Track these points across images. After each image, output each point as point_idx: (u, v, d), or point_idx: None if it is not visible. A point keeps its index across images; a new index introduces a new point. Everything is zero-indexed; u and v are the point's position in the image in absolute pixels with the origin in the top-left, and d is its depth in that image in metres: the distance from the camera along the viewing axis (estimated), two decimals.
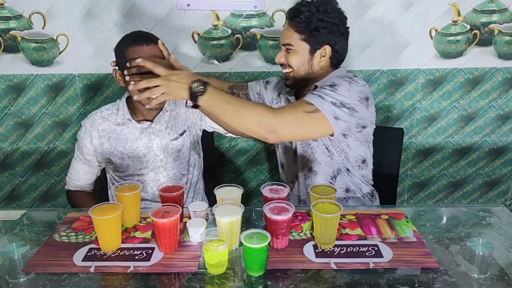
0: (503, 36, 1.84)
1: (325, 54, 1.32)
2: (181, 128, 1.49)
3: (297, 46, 1.31)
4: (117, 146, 1.43)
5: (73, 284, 0.94)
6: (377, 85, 1.91)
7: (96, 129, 1.44)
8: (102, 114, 1.46)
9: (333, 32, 1.29)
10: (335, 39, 1.30)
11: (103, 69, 1.85)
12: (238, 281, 0.95)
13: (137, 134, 1.44)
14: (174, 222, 1.01)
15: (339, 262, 0.99)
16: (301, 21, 1.28)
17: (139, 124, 1.43)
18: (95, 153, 1.46)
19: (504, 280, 0.93)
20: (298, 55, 1.32)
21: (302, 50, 1.32)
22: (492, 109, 1.96)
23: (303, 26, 1.29)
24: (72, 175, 1.53)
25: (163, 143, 1.45)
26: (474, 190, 2.13)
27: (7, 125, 1.93)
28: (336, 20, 1.29)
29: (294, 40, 1.31)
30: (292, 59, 1.33)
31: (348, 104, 1.19)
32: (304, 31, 1.29)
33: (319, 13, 1.27)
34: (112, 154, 1.44)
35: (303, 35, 1.30)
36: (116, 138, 1.44)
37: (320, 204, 1.06)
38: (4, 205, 2.08)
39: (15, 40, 1.80)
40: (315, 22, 1.27)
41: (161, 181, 1.47)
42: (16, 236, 1.15)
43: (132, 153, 1.44)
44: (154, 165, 1.46)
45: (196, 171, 1.56)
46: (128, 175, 1.46)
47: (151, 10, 1.77)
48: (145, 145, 1.44)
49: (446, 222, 1.20)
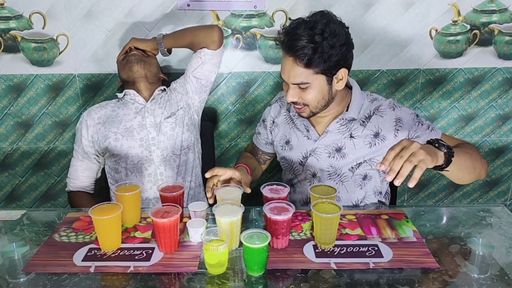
0: (503, 36, 1.84)
1: (342, 77, 1.21)
2: (174, 107, 1.53)
3: (313, 81, 1.17)
4: (112, 128, 1.47)
5: (73, 284, 0.94)
6: (377, 85, 1.91)
7: (91, 117, 1.50)
8: (100, 104, 1.56)
9: (345, 52, 1.17)
10: (347, 57, 1.19)
11: (103, 69, 1.85)
12: (238, 281, 0.95)
13: (132, 114, 1.49)
14: (174, 222, 1.01)
15: (339, 262, 0.99)
16: (309, 56, 1.13)
17: (134, 105, 1.50)
18: (92, 143, 1.49)
19: (504, 280, 0.93)
20: (316, 89, 1.19)
21: (319, 83, 1.18)
22: (492, 109, 1.96)
23: (314, 61, 1.13)
24: (71, 175, 1.54)
25: (157, 121, 1.49)
26: (474, 190, 2.13)
27: (7, 125, 1.93)
28: (344, 38, 1.16)
29: (308, 77, 1.17)
30: (310, 95, 1.20)
31: None
32: (316, 66, 1.14)
33: (327, 40, 1.12)
34: (107, 137, 1.47)
35: (316, 69, 1.15)
36: (111, 121, 1.49)
37: (320, 204, 1.06)
38: (4, 205, 2.08)
39: (15, 40, 1.80)
40: (327, 52, 1.13)
41: (154, 161, 1.48)
42: (16, 236, 1.15)
43: (125, 132, 1.47)
44: (147, 143, 1.48)
45: (192, 154, 1.56)
46: (122, 157, 1.47)
47: (151, 10, 1.77)
48: (139, 123, 1.48)
49: (446, 222, 1.20)
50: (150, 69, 1.50)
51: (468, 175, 1.18)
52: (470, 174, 1.18)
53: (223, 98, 1.93)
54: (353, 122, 1.30)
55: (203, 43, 1.49)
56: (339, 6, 1.77)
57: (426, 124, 1.31)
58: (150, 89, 1.52)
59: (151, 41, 1.53)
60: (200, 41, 1.49)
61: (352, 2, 1.77)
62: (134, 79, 1.48)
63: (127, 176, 1.48)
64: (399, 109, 1.31)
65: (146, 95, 1.52)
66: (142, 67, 1.48)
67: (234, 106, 1.94)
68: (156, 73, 1.54)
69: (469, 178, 1.21)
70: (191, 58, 1.55)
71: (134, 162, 1.48)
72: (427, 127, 1.30)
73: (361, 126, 1.30)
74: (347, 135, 1.30)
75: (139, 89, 1.51)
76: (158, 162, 1.48)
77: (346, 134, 1.31)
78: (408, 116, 1.29)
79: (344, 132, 1.31)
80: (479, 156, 1.21)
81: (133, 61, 1.47)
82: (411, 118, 1.29)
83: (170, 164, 1.50)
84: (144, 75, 1.49)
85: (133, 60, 1.47)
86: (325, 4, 1.76)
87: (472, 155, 1.16)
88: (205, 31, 1.50)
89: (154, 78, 1.52)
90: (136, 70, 1.48)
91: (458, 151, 1.09)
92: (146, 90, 1.51)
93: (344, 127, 1.31)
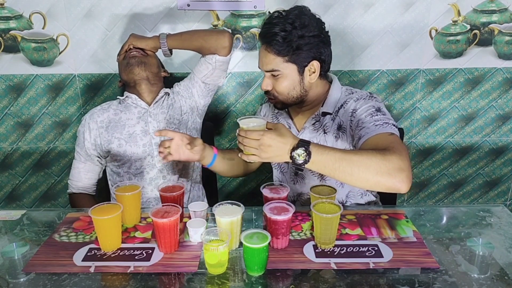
0: (503, 36, 1.84)
1: (314, 69, 1.23)
2: (178, 112, 1.53)
3: (283, 69, 1.21)
4: (115, 133, 1.46)
5: (73, 284, 0.94)
6: (377, 85, 1.91)
7: (94, 120, 1.49)
8: (102, 106, 1.54)
9: (317, 44, 1.19)
10: (320, 51, 1.21)
11: (103, 69, 1.85)
12: (238, 281, 0.95)
13: (135, 119, 1.48)
14: (174, 222, 1.01)
15: (339, 262, 0.99)
16: (279, 44, 1.17)
17: (136, 109, 1.49)
18: (95, 146, 1.48)
19: (504, 280, 0.93)
20: (287, 78, 1.22)
21: (290, 72, 1.21)
22: (492, 109, 1.96)
23: (284, 49, 1.18)
24: (73, 176, 1.53)
25: (160, 126, 1.48)
26: (474, 190, 2.13)
27: (7, 125, 1.93)
28: (316, 31, 1.19)
29: (279, 64, 1.20)
30: (282, 84, 1.23)
31: (395, 123, 1.19)
32: (286, 53, 1.18)
33: (297, 30, 1.16)
34: (110, 142, 1.46)
35: (286, 57, 1.19)
36: (114, 125, 1.48)
37: (320, 204, 1.06)
38: (4, 205, 2.08)
39: (15, 40, 1.80)
40: (296, 41, 1.17)
41: (156, 165, 1.48)
42: (16, 236, 1.15)
43: (129, 138, 1.46)
44: (150, 149, 1.47)
45: None
46: (125, 162, 1.47)
47: (151, 10, 1.77)
48: (142, 128, 1.48)
49: (446, 222, 1.20)
50: (151, 70, 1.48)
51: (353, 177, 0.99)
52: (353, 176, 0.99)
53: (223, 98, 1.93)
54: (326, 117, 1.30)
55: (213, 48, 1.46)
56: (339, 6, 1.77)
57: (381, 120, 1.15)
58: (152, 90, 1.50)
59: (152, 39, 1.49)
60: (210, 46, 1.45)
61: (352, 2, 1.77)
62: (135, 82, 1.47)
63: (129, 180, 1.48)
64: (363, 101, 1.23)
65: (149, 99, 1.50)
66: (143, 69, 1.46)
67: (234, 106, 1.94)
68: (157, 72, 1.52)
69: (362, 179, 0.99)
70: (199, 63, 1.52)
71: (136, 167, 1.47)
72: (380, 122, 1.14)
73: (331, 121, 1.29)
74: (321, 131, 1.30)
75: (141, 92, 1.49)
76: (160, 167, 1.48)
77: (320, 130, 1.31)
78: (365, 109, 1.20)
79: (318, 128, 1.31)
80: (385, 161, 0.97)
81: (134, 64, 1.45)
82: (364, 110, 1.20)
83: (172, 168, 1.50)
84: (145, 77, 1.47)
85: (134, 63, 1.45)
86: (325, 4, 1.77)
87: (368, 159, 0.98)
88: (216, 37, 1.46)
89: (156, 78, 1.51)
90: (137, 73, 1.45)
91: (335, 155, 0.98)
92: (148, 93, 1.50)
93: (318, 123, 1.31)
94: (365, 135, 1.13)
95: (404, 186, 0.97)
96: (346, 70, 1.88)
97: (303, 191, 1.40)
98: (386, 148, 1.02)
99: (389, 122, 1.15)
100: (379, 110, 1.19)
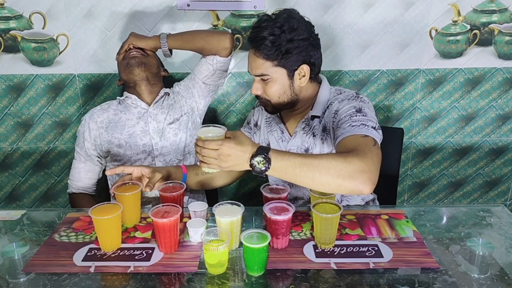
0: (503, 36, 1.84)
1: (304, 73, 1.21)
2: (178, 113, 1.52)
3: (273, 73, 1.18)
4: (115, 133, 1.47)
5: (73, 284, 0.94)
6: (377, 85, 1.91)
7: (94, 121, 1.49)
8: (101, 106, 1.54)
9: (306, 48, 1.17)
10: (309, 54, 1.19)
11: (103, 69, 1.85)
12: (238, 281, 0.95)
13: (135, 119, 1.48)
14: (174, 222, 1.01)
15: (339, 262, 0.99)
16: (268, 48, 1.15)
17: (136, 110, 1.49)
18: (95, 146, 1.49)
19: (504, 280, 0.93)
20: (277, 83, 1.20)
21: (279, 76, 1.19)
22: (492, 109, 1.96)
23: (273, 53, 1.15)
24: (73, 176, 1.53)
25: (160, 127, 1.48)
26: (474, 190, 2.13)
27: (7, 125, 1.93)
28: (305, 34, 1.17)
29: (268, 69, 1.18)
30: (272, 88, 1.21)
31: (378, 125, 1.15)
32: (275, 58, 1.16)
33: (286, 34, 1.14)
34: (110, 142, 1.46)
35: (275, 61, 1.17)
36: (114, 126, 1.48)
37: (320, 204, 1.06)
38: (4, 205, 2.08)
39: (15, 40, 1.80)
40: (285, 44, 1.14)
41: (157, 166, 1.48)
42: (16, 236, 1.15)
43: (129, 138, 1.46)
44: (150, 149, 1.47)
45: (193, 159, 1.56)
46: (125, 162, 1.47)
47: (151, 10, 1.77)
48: (142, 129, 1.48)
49: (446, 222, 1.20)
50: (151, 70, 1.48)
51: (315, 181, 0.97)
52: (314, 181, 0.97)
53: (223, 98, 1.93)
54: (315, 120, 1.29)
55: (214, 49, 1.46)
56: (339, 6, 1.77)
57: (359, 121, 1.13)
58: (152, 91, 1.50)
59: (152, 39, 1.49)
60: (212, 47, 1.45)
61: (352, 2, 1.77)
62: (135, 82, 1.47)
63: None
64: (346, 101, 1.21)
65: (149, 99, 1.50)
66: (143, 70, 1.46)
67: (234, 106, 1.94)
68: (157, 73, 1.52)
69: (323, 183, 0.97)
70: (200, 63, 1.52)
71: None
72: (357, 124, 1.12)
73: (319, 123, 1.28)
74: (311, 134, 1.29)
75: (140, 93, 1.49)
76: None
77: (309, 134, 1.30)
78: (346, 110, 1.18)
79: (307, 132, 1.30)
80: (346, 164, 0.95)
81: (134, 65, 1.45)
82: (345, 110, 1.18)
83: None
84: (145, 77, 1.47)
85: (133, 63, 1.45)
86: (325, 4, 1.77)
87: (328, 162, 0.96)
88: (217, 38, 1.45)
89: (155, 78, 1.51)
90: (137, 74, 1.45)
91: (298, 158, 0.96)
92: (148, 93, 1.50)
93: (308, 127, 1.30)
94: (340, 136, 1.11)
95: (366, 188, 0.95)
96: (346, 70, 1.88)
97: (298, 196, 1.40)
98: (352, 150, 1.01)
99: (367, 123, 1.12)
100: (360, 110, 1.16)
